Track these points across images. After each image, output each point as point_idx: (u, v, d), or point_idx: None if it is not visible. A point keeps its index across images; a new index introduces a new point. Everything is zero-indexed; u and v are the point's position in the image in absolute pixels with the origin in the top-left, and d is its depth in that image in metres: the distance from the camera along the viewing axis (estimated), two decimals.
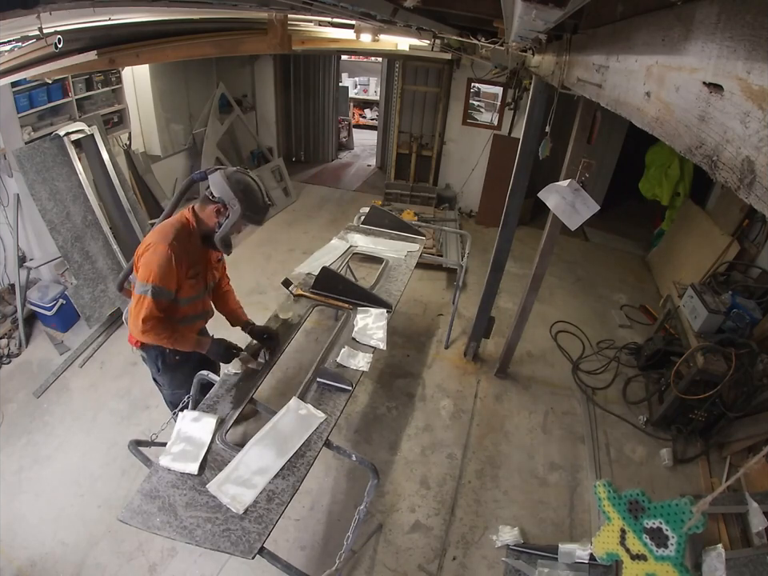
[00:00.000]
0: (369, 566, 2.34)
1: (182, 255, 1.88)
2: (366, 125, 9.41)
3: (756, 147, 0.45)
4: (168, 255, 1.82)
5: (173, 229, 1.88)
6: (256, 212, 1.92)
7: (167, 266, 1.83)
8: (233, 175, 1.88)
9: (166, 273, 1.83)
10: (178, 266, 1.86)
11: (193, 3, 1.99)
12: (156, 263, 1.82)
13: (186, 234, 1.92)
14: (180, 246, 1.86)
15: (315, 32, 3.79)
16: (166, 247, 1.82)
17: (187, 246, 1.92)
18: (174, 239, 1.85)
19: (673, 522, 0.93)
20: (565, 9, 0.73)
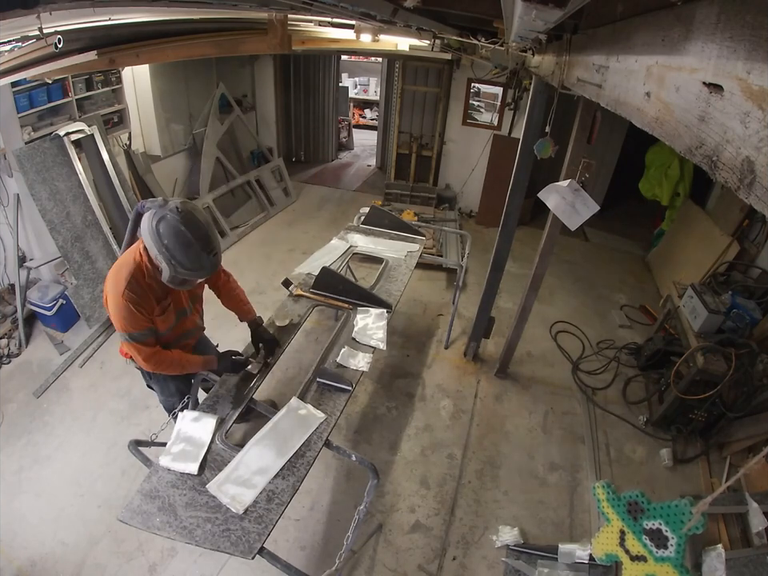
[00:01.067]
0: (369, 566, 2.34)
1: (142, 299, 1.77)
2: (366, 125, 9.40)
3: (756, 147, 0.45)
4: (126, 306, 1.72)
5: (126, 273, 1.74)
6: (189, 269, 1.66)
7: (130, 315, 1.74)
8: (159, 223, 1.61)
9: (133, 319, 1.76)
10: (141, 311, 1.77)
11: (193, 3, 1.99)
12: (120, 315, 1.75)
13: (140, 276, 1.77)
14: (137, 291, 1.75)
15: (315, 32, 3.79)
16: (122, 299, 1.71)
17: (145, 288, 1.79)
18: (127, 287, 1.72)
19: (672, 523, 0.93)
20: (565, 9, 0.73)
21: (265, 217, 5.64)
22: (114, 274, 1.78)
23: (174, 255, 1.62)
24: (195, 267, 1.67)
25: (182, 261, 1.64)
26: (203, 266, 1.69)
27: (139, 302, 1.75)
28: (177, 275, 1.68)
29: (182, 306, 2.01)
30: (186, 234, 1.62)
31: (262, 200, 5.72)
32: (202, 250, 1.65)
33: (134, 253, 1.78)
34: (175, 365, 1.94)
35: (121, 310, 1.73)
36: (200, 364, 2.02)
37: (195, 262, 1.66)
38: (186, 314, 2.07)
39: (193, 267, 1.67)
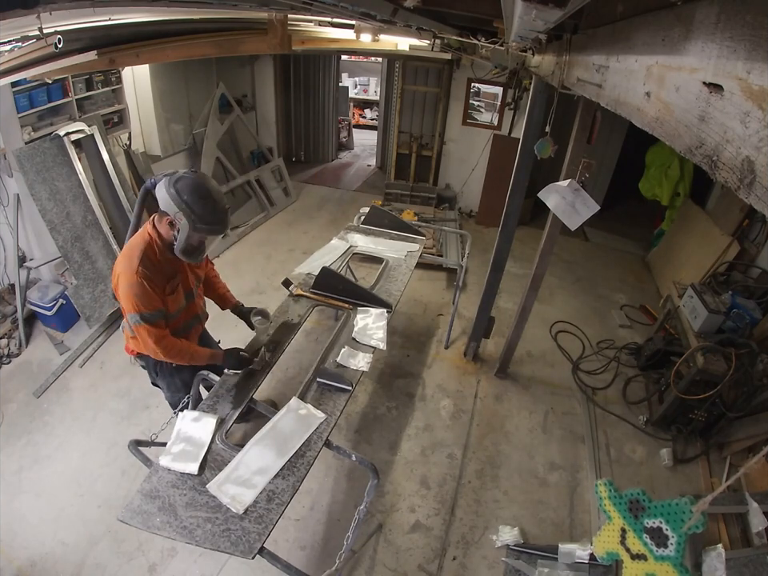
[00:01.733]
0: (369, 566, 2.34)
1: (155, 276, 1.81)
2: (366, 125, 9.40)
3: (756, 147, 0.45)
4: (140, 283, 1.76)
5: (138, 251, 1.79)
6: (208, 222, 1.74)
7: (144, 293, 1.78)
8: (177, 183, 1.70)
9: (146, 298, 1.79)
10: (154, 288, 1.81)
11: (193, 3, 1.99)
12: (133, 294, 1.77)
13: (151, 253, 1.83)
14: (149, 268, 1.79)
15: (315, 32, 3.79)
16: (136, 276, 1.76)
17: (157, 265, 1.83)
18: (140, 264, 1.77)
19: (673, 522, 0.93)
20: (565, 9, 0.73)
21: (265, 217, 5.64)
22: (125, 255, 1.82)
23: (193, 209, 1.70)
24: (213, 221, 1.76)
25: (201, 213, 1.72)
26: (220, 219, 1.79)
27: (152, 278, 1.80)
28: (195, 231, 1.75)
29: (189, 287, 2.06)
30: (204, 186, 1.74)
31: (262, 200, 5.72)
32: (217, 202, 1.76)
33: (143, 233, 1.85)
34: (184, 353, 1.96)
35: (134, 287, 1.76)
36: (207, 356, 2.05)
37: (213, 215, 1.75)
38: (193, 296, 2.12)
39: (211, 221, 1.75)
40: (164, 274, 1.87)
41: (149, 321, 1.82)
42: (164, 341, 1.88)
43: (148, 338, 1.84)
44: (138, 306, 1.78)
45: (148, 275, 1.78)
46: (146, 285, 1.77)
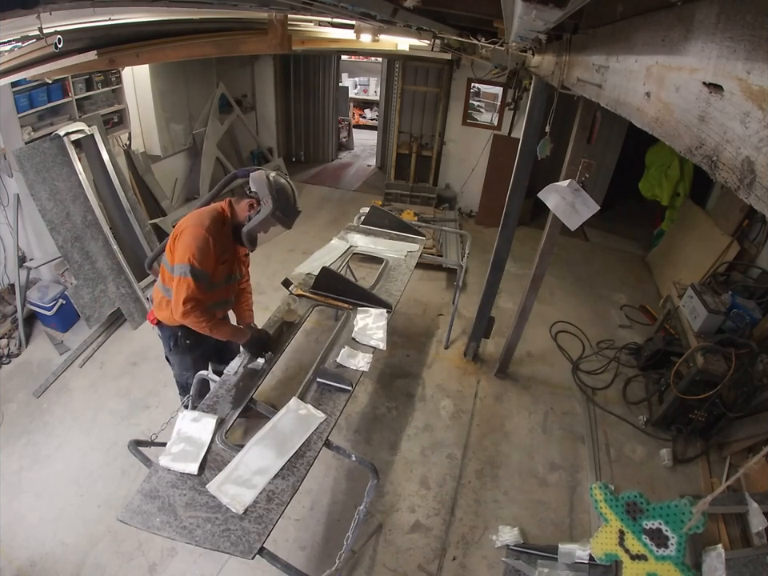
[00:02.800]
0: (369, 566, 2.34)
1: (216, 240, 1.95)
2: (366, 125, 9.41)
3: (756, 147, 0.45)
4: (206, 238, 1.90)
5: (209, 215, 1.96)
6: (286, 214, 2.02)
7: (206, 248, 1.91)
8: (273, 176, 1.99)
9: (204, 255, 1.91)
10: (215, 248, 1.95)
11: (193, 3, 1.99)
12: (195, 245, 1.89)
13: (220, 222, 2.00)
14: (215, 232, 1.95)
15: (315, 32, 3.79)
16: (204, 231, 1.90)
17: (220, 234, 1.99)
18: (211, 224, 1.93)
19: (672, 523, 0.93)
20: (565, 9, 0.73)
21: None
22: (196, 214, 1.99)
23: (279, 199, 1.97)
24: (289, 214, 2.03)
25: (284, 205, 1.99)
26: (293, 216, 2.07)
27: (216, 240, 1.94)
28: (272, 217, 1.98)
29: (232, 272, 2.20)
30: (290, 187, 2.05)
31: None
32: (295, 203, 2.07)
33: (216, 206, 2.04)
34: (207, 319, 2.00)
35: (198, 240, 1.89)
36: (229, 332, 2.13)
37: (290, 210, 2.04)
38: (232, 279, 2.23)
39: (287, 214, 2.02)
40: (221, 246, 2.01)
41: (195, 276, 1.90)
42: (194, 302, 1.94)
43: (184, 292, 1.91)
44: (193, 257, 1.89)
45: (214, 235, 1.93)
46: (210, 242, 1.92)
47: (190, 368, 2.33)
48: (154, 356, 3.51)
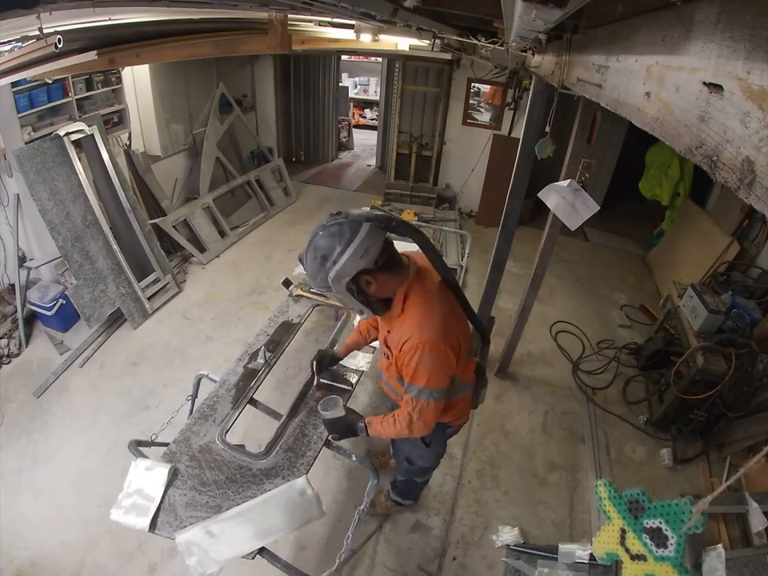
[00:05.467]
0: (369, 566, 2.34)
1: None
2: (366, 125, 9.40)
3: (756, 147, 0.45)
4: None
5: None
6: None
7: None
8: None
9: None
10: None
11: (193, 3, 1.99)
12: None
13: None
14: None
15: (315, 32, 3.79)
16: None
17: None
18: None
19: (673, 522, 0.93)
20: (565, 9, 0.73)
21: (265, 217, 5.64)
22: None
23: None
24: None
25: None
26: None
27: None
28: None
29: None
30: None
31: (261, 200, 5.72)
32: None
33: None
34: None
35: None
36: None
37: None
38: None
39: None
40: None
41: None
42: None
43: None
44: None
45: None
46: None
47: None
48: (154, 356, 3.51)
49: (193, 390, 2.21)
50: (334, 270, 1.30)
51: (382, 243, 1.34)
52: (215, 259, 4.79)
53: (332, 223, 1.31)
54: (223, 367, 2.51)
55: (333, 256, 1.29)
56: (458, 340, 1.45)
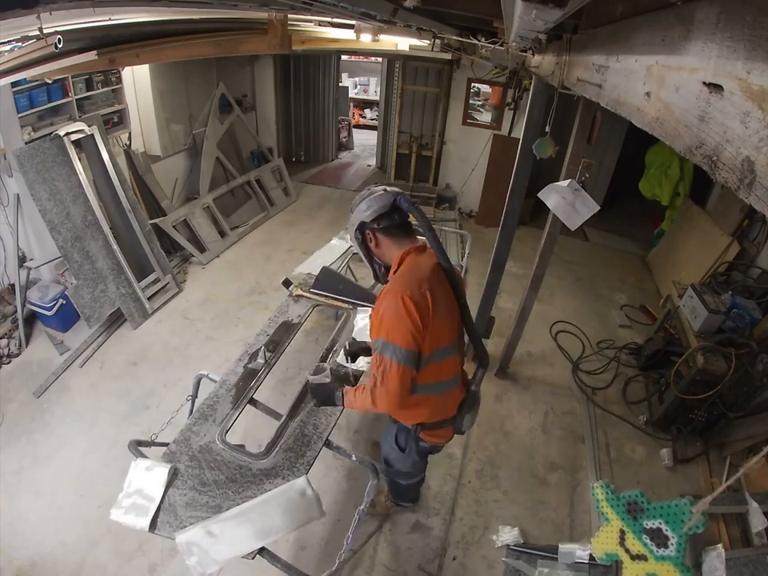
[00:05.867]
0: (369, 566, 2.34)
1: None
2: (366, 125, 9.40)
3: (756, 147, 0.45)
4: None
5: None
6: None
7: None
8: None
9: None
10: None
11: (193, 3, 1.99)
12: None
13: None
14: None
15: (315, 32, 3.79)
16: None
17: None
18: None
19: (673, 523, 0.93)
20: (565, 9, 0.73)
21: (265, 217, 5.64)
22: None
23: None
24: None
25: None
26: None
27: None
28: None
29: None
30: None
31: (261, 200, 5.72)
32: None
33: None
34: None
35: None
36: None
37: None
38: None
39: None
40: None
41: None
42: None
43: None
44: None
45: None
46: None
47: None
48: (154, 356, 3.51)
49: (193, 390, 2.21)
50: (351, 218, 1.62)
51: (387, 207, 1.55)
52: (215, 259, 4.79)
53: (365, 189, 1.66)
54: (223, 367, 2.51)
55: (354, 205, 1.62)
56: (428, 303, 1.46)
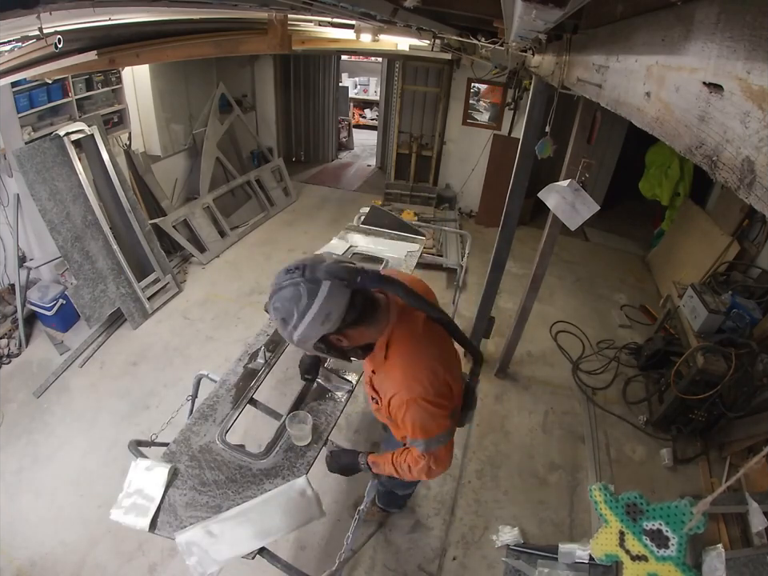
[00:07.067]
0: (369, 566, 2.34)
1: None
2: (366, 125, 9.40)
3: (756, 147, 0.45)
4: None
5: None
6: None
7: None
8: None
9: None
10: None
11: (193, 3, 1.99)
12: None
13: None
14: None
15: (315, 32, 3.79)
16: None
17: None
18: None
19: (673, 523, 0.93)
20: (565, 9, 0.73)
21: (265, 217, 5.64)
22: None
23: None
24: None
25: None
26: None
27: None
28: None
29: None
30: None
31: (261, 200, 5.72)
32: None
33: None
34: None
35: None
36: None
37: None
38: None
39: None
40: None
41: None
42: None
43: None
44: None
45: None
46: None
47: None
48: (154, 356, 3.51)
49: (193, 390, 2.21)
50: (296, 335, 1.18)
51: (346, 303, 1.17)
52: (215, 259, 4.79)
53: (287, 284, 1.19)
54: (223, 367, 2.51)
55: (292, 321, 1.17)
56: (449, 383, 1.33)
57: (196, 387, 2.18)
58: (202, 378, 2.17)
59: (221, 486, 1.65)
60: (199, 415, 1.90)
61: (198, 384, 2.18)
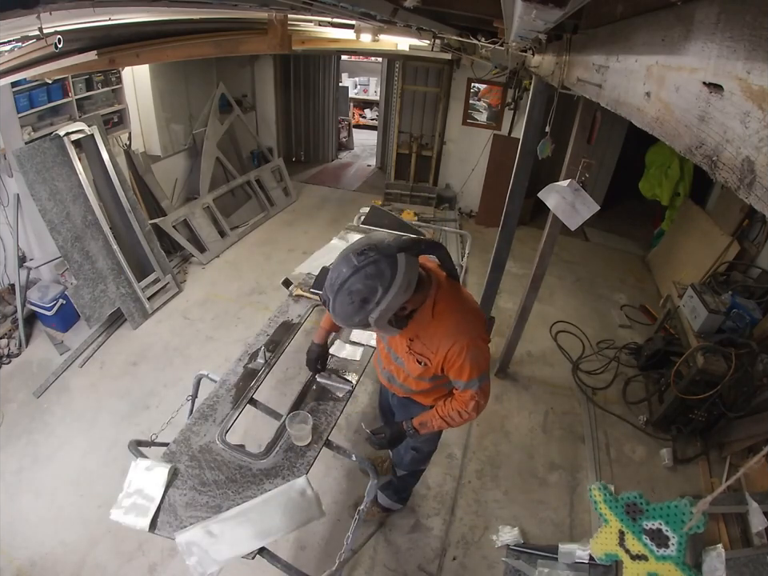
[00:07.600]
0: (369, 566, 2.34)
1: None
2: (366, 125, 9.40)
3: (756, 147, 0.45)
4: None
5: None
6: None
7: None
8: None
9: None
10: None
11: (193, 3, 1.99)
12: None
13: None
14: None
15: (315, 32, 3.79)
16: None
17: None
18: None
19: (673, 523, 0.93)
20: (565, 9, 0.73)
21: (265, 217, 5.64)
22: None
23: None
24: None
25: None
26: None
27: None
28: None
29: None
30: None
31: (261, 200, 5.72)
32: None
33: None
34: None
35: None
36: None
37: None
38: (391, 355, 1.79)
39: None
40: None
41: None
42: None
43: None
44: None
45: None
46: None
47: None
48: (154, 356, 3.51)
49: (193, 390, 2.21)
50: (377, 311, 1.23)
51: (418, 270, 1.32)
52: (215, 259, 4.79)
53: (365, 263, 1.20)
54: (223, 367, 2.51)
55: (375, 298, 1.21)
56: (484, 325, 1.62)
57: (196, 387, 2.18)
58: (202, 378, 2.17)
59: (221, 486, 1.65)
60: (199, 415, 1.90)
61: (198, 384, 2.18)
